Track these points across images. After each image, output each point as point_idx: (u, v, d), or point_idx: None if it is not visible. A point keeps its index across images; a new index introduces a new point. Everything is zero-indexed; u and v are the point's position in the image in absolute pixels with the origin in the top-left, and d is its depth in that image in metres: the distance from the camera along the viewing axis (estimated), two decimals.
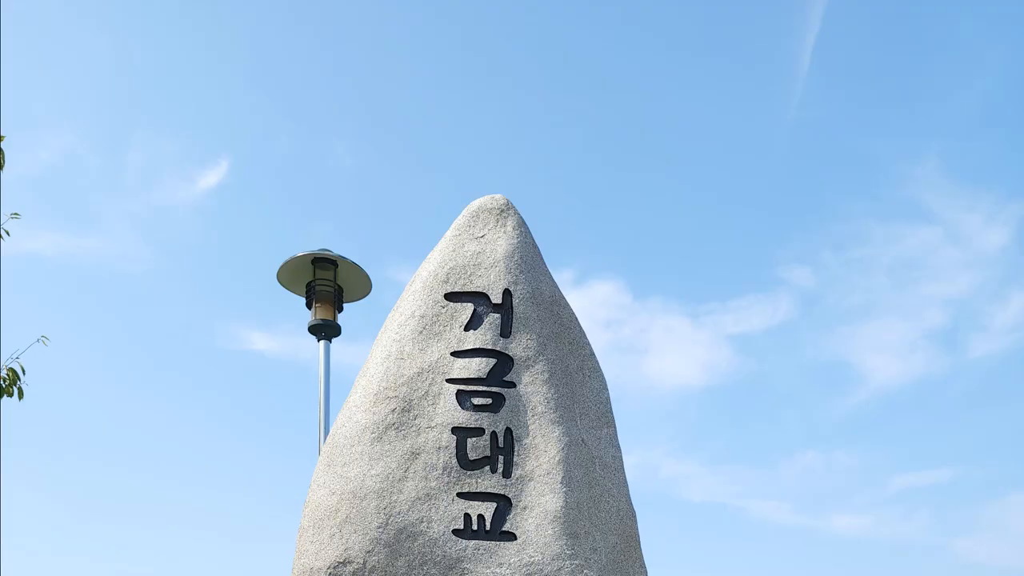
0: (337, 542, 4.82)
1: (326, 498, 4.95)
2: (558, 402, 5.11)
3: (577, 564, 4.88)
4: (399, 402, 5.04)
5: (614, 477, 5.23)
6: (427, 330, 5.18)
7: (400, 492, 4.88)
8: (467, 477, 4.95)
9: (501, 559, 4.84)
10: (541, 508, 4.92)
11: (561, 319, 5.36)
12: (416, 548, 4.81)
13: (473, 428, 5.01)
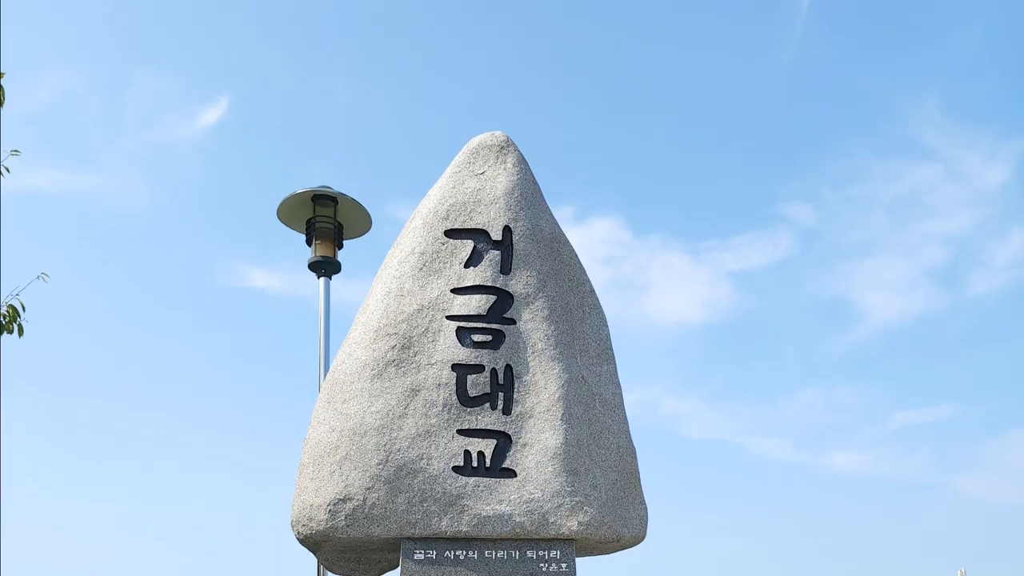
0: (337, 479, 4.84)
1: (326, 435, 4.97)
2: (558, 339, 5.11)
3: (577, 501, 4.91)
4: (399, 339, 5.04)
5: (614, 414, 5.24)
6: (427, 267, 5.17)
7: (400, 429, 4.89)
8: (467, 414, 4.96)
9: (501, 496, 4.86)
10: (541, 445, 4.94)
11: (561, 256, 5.35)
12: (416, 485, 4.83)
13: (473, 365, 5.02)
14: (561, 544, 4.96)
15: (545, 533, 4.88)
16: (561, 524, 4.87)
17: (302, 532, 4.92)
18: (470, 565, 4.86)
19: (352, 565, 5.31)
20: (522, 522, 4.84)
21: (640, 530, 5.19)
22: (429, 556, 4.85)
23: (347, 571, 5.35)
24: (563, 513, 4.87)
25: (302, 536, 4.95)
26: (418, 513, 4.81)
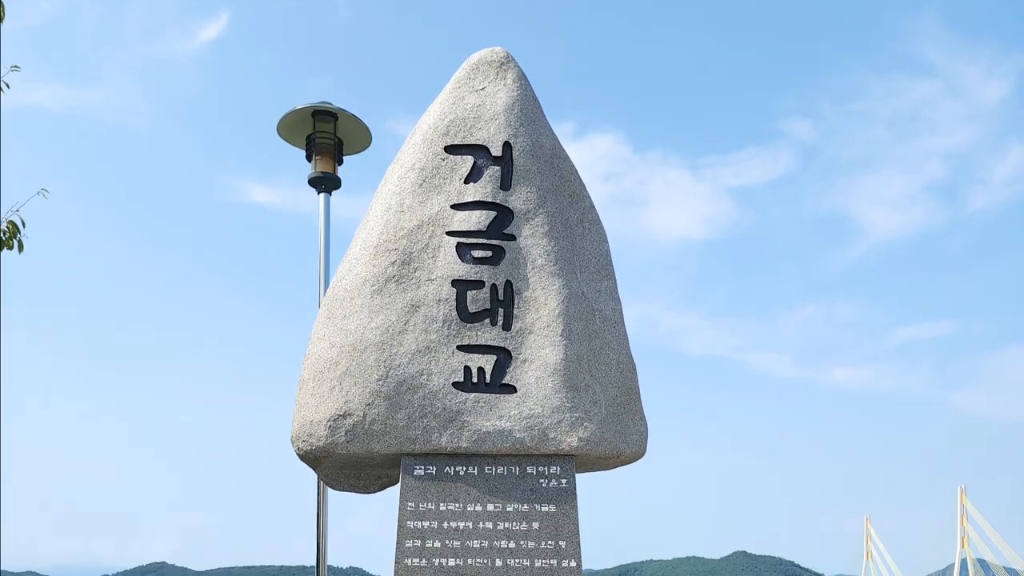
0: (337, 394, 4.86)
1: (326, 351, 4.98)
2: (558, 255, 5.11)
3: (577, 416, 4.93)
4: (399, 255, 5.03)
5: (614, 330, 5.25)
6: (427, 183, 5.15)
7: (400, 345, 4.90)
8: (467, 330, 4.97)
9: (501, 412, 4.89)
10: (541, 361, 4.95)
11: (561, 172, 5.33)
12: (416, 401, 4.85)
13: (473, 281, 5.02)
14: (561, 460, 4.99)
15: (545, 449, 4.91)
16: (561, 440, 4.90)
17: (302, 448, 4.95)
18: (470, 480, 4.89)
19: (352, 481, 5.34)
20: (522, 438, 4.87)
21: (640, 446, 5.23)
22: (429, 472, 4.89)
23: (347, 486, 5.39)
24: (563, 429, 4.90)
25: (302, 452, 4.98)
26: (418, 429, 4.84)
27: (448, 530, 4.80)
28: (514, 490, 4.90)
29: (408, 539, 4.77)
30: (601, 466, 5.34)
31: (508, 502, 4.88)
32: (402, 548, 4.75)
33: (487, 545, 4.81)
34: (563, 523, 4.89)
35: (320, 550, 9.04)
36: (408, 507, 4.82)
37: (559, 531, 4.87)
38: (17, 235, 7.33)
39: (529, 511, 4.88)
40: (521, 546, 4.83)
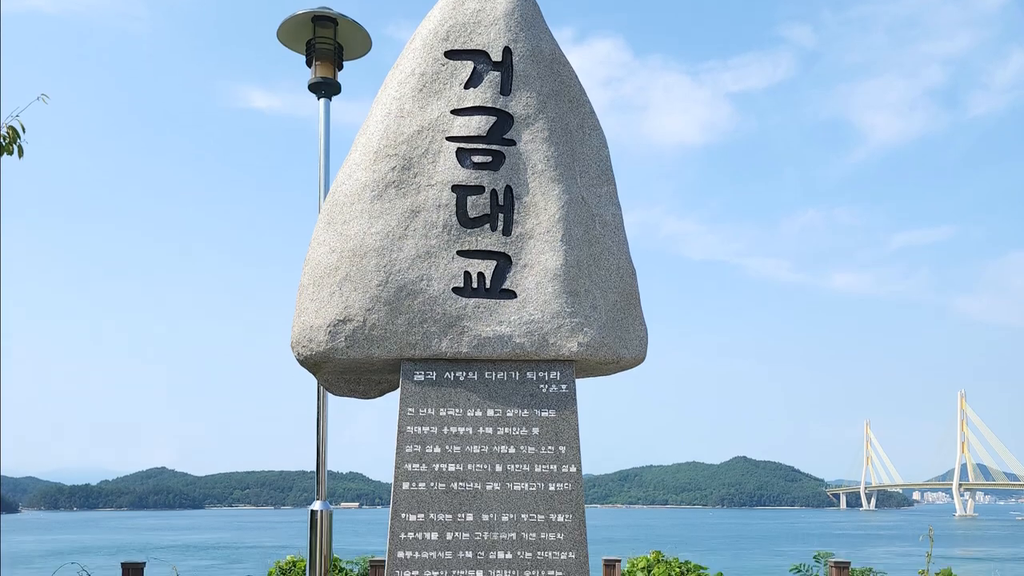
0: (337, 300, 4.88)
1: (326, 256, 4.98)
2: (558, 160, 5.08)
3: (577, 322, 4.95)
4: (399, 160, 5.01)
5: (614, 235, 5.25)
6: (427, 88, 5.11)
7: (400, 250, 4.90)
8: (467, 235, 4.97)
9: (501, 317, 4.90)
10: (541, 266, 4.96)
11: (561, 77, 5.28)
12: (416, 306, 4.87)
13: (473, 186, 5.01)
14: (561, 365, 5.02)
15: (545, 354, 4.93)
16: (561, 345, 4.92)
17: (302, 353, 4.98)
18: (470, 386, 4.93)
19: (352, 386, 5.38)
20: (522, 343, 4.89)
21: (640, 351, 5.25)
22: (429, 377, 4.92)
23: (347, 392, 5.43)
24: (563, 334, 4.92)
25: (302, 357, 5.00)
26: (418, 334, 4.86)
27: (448, 435, 4.85)
28: (514, 395, 4.93)
29: (408, 444, 4.81)
30: (601, 371, 5.37)
31: (508, 407, 4.92)
32: (402, 453, 4.80)
33: (487, 450, 4.86)
34: (563, 428, 4.93)
35: (320, 456, 9.12)
36: (408, 412, 4.86)
37: (559, 436, 4.91)
38: (17, 140, 7.31)
39: (529, 416, 4.92)
40: (521, 451, 4.87)
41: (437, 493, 4.78)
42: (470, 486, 4.81)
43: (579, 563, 4.80)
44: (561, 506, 4.83)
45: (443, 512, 4.76)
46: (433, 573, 4.70)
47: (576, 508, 4.85)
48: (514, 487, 4.82)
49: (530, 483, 4.83)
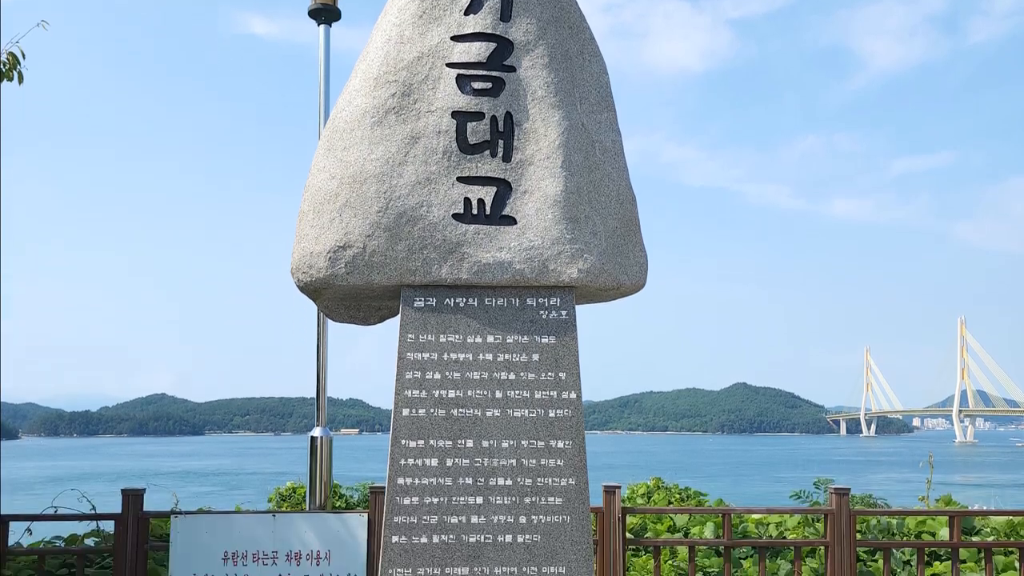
0: (337, 226, 4.87)
1: (326, 182, 4.98)
2: (558, 86, 5.06)
3: (577, 248, 4.95)
4: (399, 86, 4.99)
5: (614, 161, 5.23)
6: (427, 14, 5.07)
7: (400, 176, 4.90)
8: (467, 161, 4.96)
9: (501, 243, 4.90)
10: (541, 192, 4.95)
11: (560, 3, 5.23)
12: (416, 232, 4.87)
13: (473, 112, 4.99)
14: (561, 291, 5.03)
15: (545, 280, 4.94)
16: (561, 271, 4.93)
17: (302, 279, 4.99)
18: (470, 312, 4.94)
19: (352, 312, 5.39)
20: (522, 269, 4.90)
21: (640, 277, 5.26)
22: (429, 303, 4.93)
23: (347, 318, 5.45)
24: (563, 260, 4.92)
25: (302, 283, 5.01)
26: (418, 260, 4.87)
27: (448, 362, 4.87)
28: (514, 322, 4.95)
29: (408, 370, 4.83)
30: (601, 298, 5.38)
31: (508, 334, 4.94)
32: (402, 380, 4.82)
33: (487, 376, 4.88)
34: (563, 355, 4.95)
35: (320, 382, 9.16)
36: (408, 339, 4.88)
37: (559, 363, 4.94)
38: (17, 67, 7.29)
39: (529, 343, 4.94)
40: (521, 378, 4.90)
41: (437, 419, 4.81)
42: (470, 412, 4.84)
43: (579, 489, 4.84)
44: (561, 432, 4.86)
45: (443, 438, 4.80)
46: (433, 499, 4.74)
47: (576, 434, 4.88)
48: (514, 413, 4.85)
49: (530, 409, 4.86)
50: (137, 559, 7.59)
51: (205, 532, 7.65)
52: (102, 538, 8.91)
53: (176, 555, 7.60)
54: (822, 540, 7.88)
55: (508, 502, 4.78)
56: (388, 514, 4.71)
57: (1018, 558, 8.03)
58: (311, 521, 7.74)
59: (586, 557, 4.78)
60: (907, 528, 9.34)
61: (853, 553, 7.73)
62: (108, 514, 7.98)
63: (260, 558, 7.60)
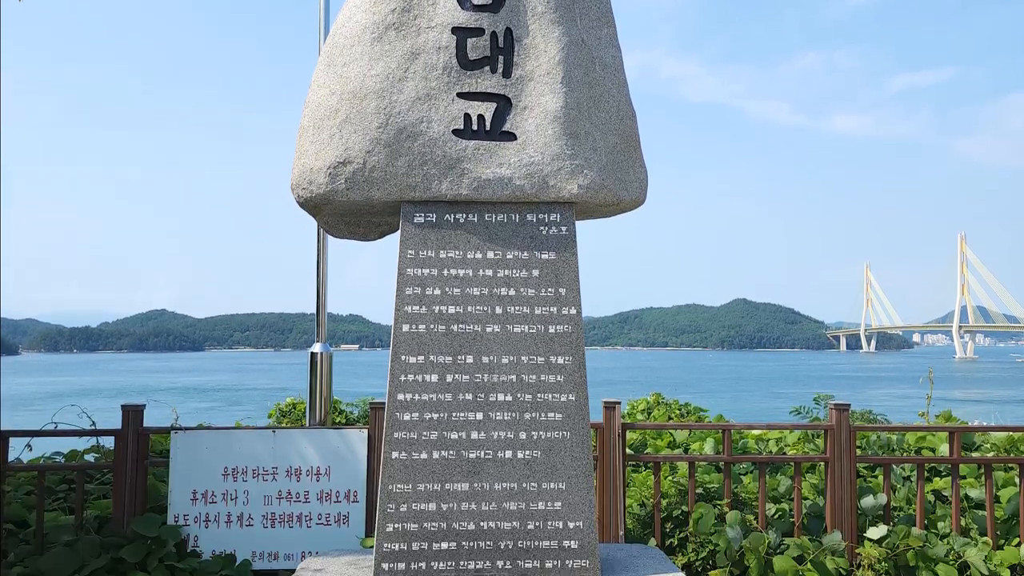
0: (337, 142, 4.84)
1: (326, 98, 4.94)
2: (558, 2, 5.00)
3: (577, 164, 4.92)
4: (399, 2, 4.94)
5: (614, 77, 5.19)
6: None
7: (400, 92, 4.86)
8: (467, 77, 4.92)
9: (501, 159, 4.88)
10: (541, 108, 4.92)
11: None
12: (416, 148, 4.84)
13: (473, 28, 4.94)
14: (561, 207, 5.01)
15: (545, 196, 4.93)
16: (561, 187, 4.91)
17: (302, 195, 4.96)
18: (470, 228, 4.92)
19: (352, 228, 5.38)
20: (522, 185, 4.88)
21: (640, 193, 5.23)
22: (429, 219, 4.91)
23: (347, 234, 5.43)
24: (563, 176, 4.90)
25: (302, 199, 4.99)
26: (418, 176, 4.85)
27: (448, 277, 4.86)
28: (514, 237, 4.93)
29: (408, 286, 4.83)
30: (601, 213, 5.36)
31: (508, 249, 4.92)
32: (402, 295, 4.81)
33: (487, 292, 4.87)
34: (563, 270, 4.94)
35: (320, 298, 9.17)
36: (408, 255, 4.86)
37: (559, 278, 4.92)
38: None
39: (529, 258, 4.92)
40: (521, 293, 4.89)
41: (437, 335, 4.81)
42: (470, 328, 4.84)
43: (579, 405, 4.85)
44: (561, 348, 4.86)
45: (443, 354, 4.80)
46: (433, 415, 4.76)
47: (576, 350, 4.88)
48: (514, 329, 4.85)
49: (530, 325, 4.86)
50: (137, 475, 7.63)
51: (205, 448, 7.68)
52: (102, 454, 8.95)
53: (176, 471, 7.64)
54: (822, 456, 7.91)
55: (508, 418, 4.79)
56: (388, 430, 4.73)
57: (1018, 474, 8.06)
58: (311, 437, 7.78)
59: (586, 473, 4.80)
60: (907, 444, 9.38)
61: (853, 469, 7.76)
62: (108, 430, 8.00)
63: (260, 474, 7.64)
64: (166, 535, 7.30)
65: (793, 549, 7.35)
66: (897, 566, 7.40)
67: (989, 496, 7.82)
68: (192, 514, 7.58)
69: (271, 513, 7.62)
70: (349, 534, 7.61)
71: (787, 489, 8.37)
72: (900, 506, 8.28)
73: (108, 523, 7.59)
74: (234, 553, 7.49)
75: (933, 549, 7.36)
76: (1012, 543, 7.77)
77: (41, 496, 7.51)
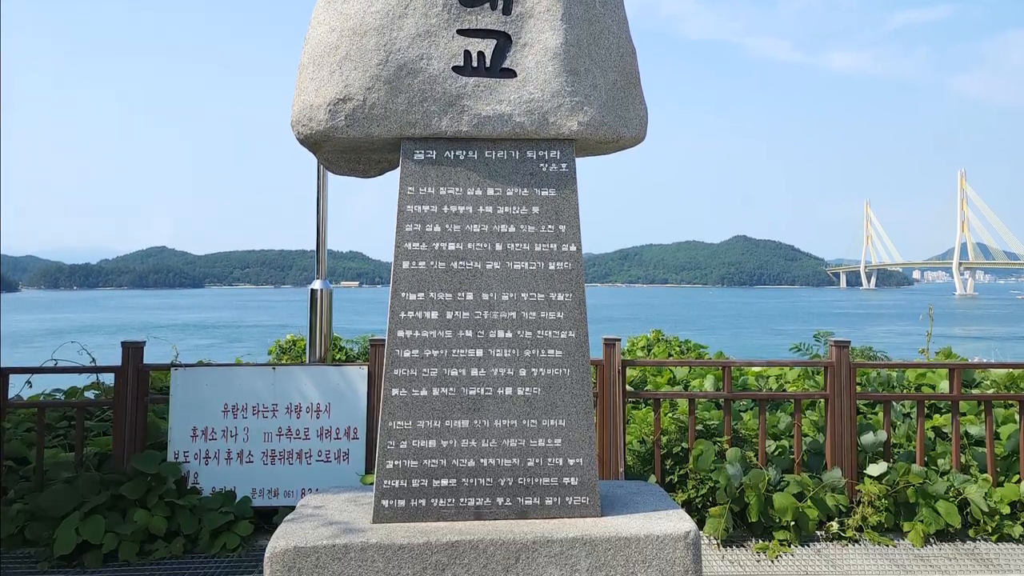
0: (337, 79, 4.80)
1: (326, 35, 4.89)
2: None
3: (577, 101, 4.88)
4: None
5: (614, 14, 5.14)
6: None
7: (400, 29, 4.81)
8: (467, 14, 4.87)
9: (501, 96, 4.84)
10: (541, 45, 4.87)
11: None
12: (416, 85, 4.80)
13: None
14: (561, 144, 4.98)
15: (545, 133, 4.89)
16: (561, 124, 4.88)
17: (302, 132, 4.93)
18: (470, 165, 4.89)
19: (352, 165, 5.35)
20: (522, 122, 4.85)
21: (640, 130, 5.20)
22: (429, 156, 4.88)
23: (347, 171, 5.40)
24: (563, 113, 4.86)
25: (302, 136, 4.95)
26: (418, 113, 4.81)
27: (448, 214, 4.83)
28: (514, 174, 4.90)
29: (408, 223, 4.80)
30: (601, 150, 5.33)
31: (508, 186, 4.89)
32: (402, 232, 4.79)
33: (487, 229, 4.85)
34: (563, 207, 4.91)
35: (320, 235, 9.15)
36: (408, 192, 4.83)
37: (559, 215, 4.90)
38: None
39: (529, 195, 4.90)
40: (521, 230, 4.86)
41: (437, 272, 4.79)
42: (470, 265, 4.82)
43: (579, 342, 4.84)
44: (561, 285, 4.85)
45: (443, 291, 4.78)
46: (433, 352, 4.75)
47: (576, 287, 4.87)
48: (514, 266, 4.83)
49: (530, 262, 4.84)
50: (137, 411, 7.65)
51: (205, 385, 7.70)
52: (102, 391, 8.99)
53: (176, 407, 7.66)
54: (822, 393, 7.93)
55: (508, 355, 4.78)
56: (388, 367, 4.72)
57: (1018, 411, 8.09)
58: (311, 374, 7.79)
59: (586, 410, 4.80)
60: (907, 381, 9.41)
61: (853, 406, 7.78)
62: (108, 367, 8.02)
63: (260, 411, 7.66)
64: (166, 472, 7.34)
65: (793, 486, 7.39)
66: (897, 503, 7.44)
67: (989, 433, 7.84)
68: (192, 451, 7.61)
69: (271, 450, 7.65)
70: (349, 471, 7.64)
71: (787, 426, 8.40)
72: (900, 443, 8.31)
73: (108, 460, 7.62)
74: (234, 490, 7.53)
75: (933, 486, 7.39)
76: (1012, 480, 7.81)
77: (41, 433, 7.53)
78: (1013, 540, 7.36)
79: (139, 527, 6.91)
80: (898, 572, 6.86)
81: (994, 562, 7.06)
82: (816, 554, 7.10)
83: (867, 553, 7.13)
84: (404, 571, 4.33)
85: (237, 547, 7.05)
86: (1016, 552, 7.21)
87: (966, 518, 7.45)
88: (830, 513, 7.37)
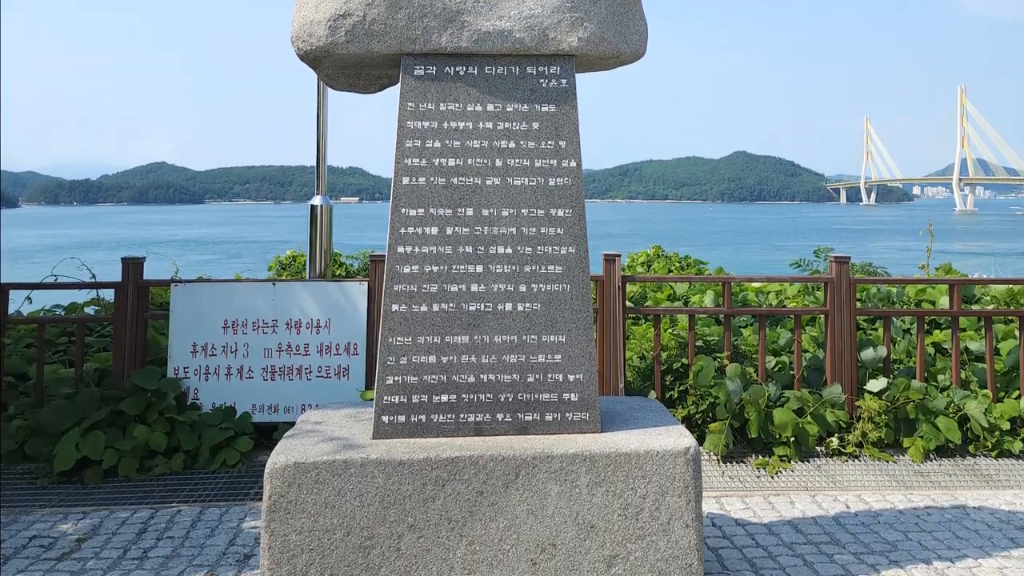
0: None
1: None
2: None
3: (577, 16, 4.84)
4: None
5: None
6: None
7: None
8: None
9: (501, 12, 4.79)
10: None
11: None
12: (416, 1, 4.77)
13: None
14: (561, 60, 4.94)
15: (545, 49, 4.85)
16: (561, 40, 4.83)
17: (302, 48, 4.88)
18: (470, 81, 4.85)
19: (352, 81, 5.31)
20: (522, 38, 4.80)
21: (640, 46, 5.15)
22: (429, 72, 4.84)
23: (347, 87, 5.36)
24: (563, 29, 4.82)
25: (302, 52, 4.91)
26: (418, 29, 4.77)
27: (448, 130, 4.80)
28: (514, 90, 4.86)
29: (408, 139, 4.77)
30: (601, 66, 5.28)
31: (508, 102, 4.85)
32: (402, 148, 4.76)
33: (487, 145, 4.82)
34: (563, 123, 4.88)
35: (320, 150, 9.11)
36: (408, 107, 4.80)
37: (559, 131, 4.87)
38: None
39: (529, 111, 4.86)
40: (521, 146, 4.83)
41: (437, 188, 4.76)
42: (470, 181, 4.79)
43: (579, 258, 4.82)
44: (561, 201, 4.82)
45: (443, 207, 4.76)
46: (433, 268, 4.73)
47: (576, 203, 4.84)
48: (514, 182, 4.80)
49: (530, 178, 4.82)
50: (137, 327, 7.65)
51: (205, 300, 7.69)
52: (102, 306, 8.98)
53: (176, 323, 7.66)
54: (822, 308, 7.93)
55: (508, 271, 4.77)
56: (388, 282, 4.72)
57: (1018, 326, 8.10)
58: (311, 289, 7.78)
59: (586, 325, 4.80)
60: (907, 296, 9.40)
61: (853, 321, 7.78)
62: (108, 282, 8.01)
63: (260, 327, 7.66)
64: (166, 388, 7.36)
65: (793, 402, 7.41)
66: (897, 418, 7.47)
67: (989, 349, 7.86)
68: (192, 367, 7.63)
69: (271, 366, 7.66)
70: (349, 387, 7.67)
71: (787, 342, 8.41)
72: (900, 359, 8.32)
73: (108, 376, 7.64)
74: (234, 406, 7.55)
75: (933, 402, 7.42)
76: (1012, 395, 7.84)
77: (41, 349, 7.54)
78: (1013, 456, 7.41)
79: (139, 443, 6.94)
80: (898, 488, 6.91)
81: (994, 478, 7.11)
82: (816, 470, 7.15)
83: (867, 469, 7.17)
84: (404, 487, 4.36)
85: (237, 463, 7.10)
86: (1016, 468, 7.26)
87: (966, 434, 7.49)
88: (830, 429, 7.40)
